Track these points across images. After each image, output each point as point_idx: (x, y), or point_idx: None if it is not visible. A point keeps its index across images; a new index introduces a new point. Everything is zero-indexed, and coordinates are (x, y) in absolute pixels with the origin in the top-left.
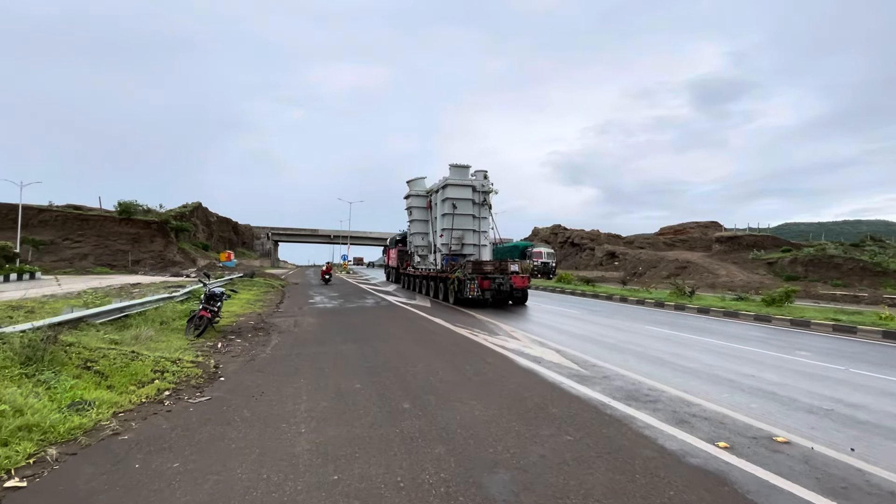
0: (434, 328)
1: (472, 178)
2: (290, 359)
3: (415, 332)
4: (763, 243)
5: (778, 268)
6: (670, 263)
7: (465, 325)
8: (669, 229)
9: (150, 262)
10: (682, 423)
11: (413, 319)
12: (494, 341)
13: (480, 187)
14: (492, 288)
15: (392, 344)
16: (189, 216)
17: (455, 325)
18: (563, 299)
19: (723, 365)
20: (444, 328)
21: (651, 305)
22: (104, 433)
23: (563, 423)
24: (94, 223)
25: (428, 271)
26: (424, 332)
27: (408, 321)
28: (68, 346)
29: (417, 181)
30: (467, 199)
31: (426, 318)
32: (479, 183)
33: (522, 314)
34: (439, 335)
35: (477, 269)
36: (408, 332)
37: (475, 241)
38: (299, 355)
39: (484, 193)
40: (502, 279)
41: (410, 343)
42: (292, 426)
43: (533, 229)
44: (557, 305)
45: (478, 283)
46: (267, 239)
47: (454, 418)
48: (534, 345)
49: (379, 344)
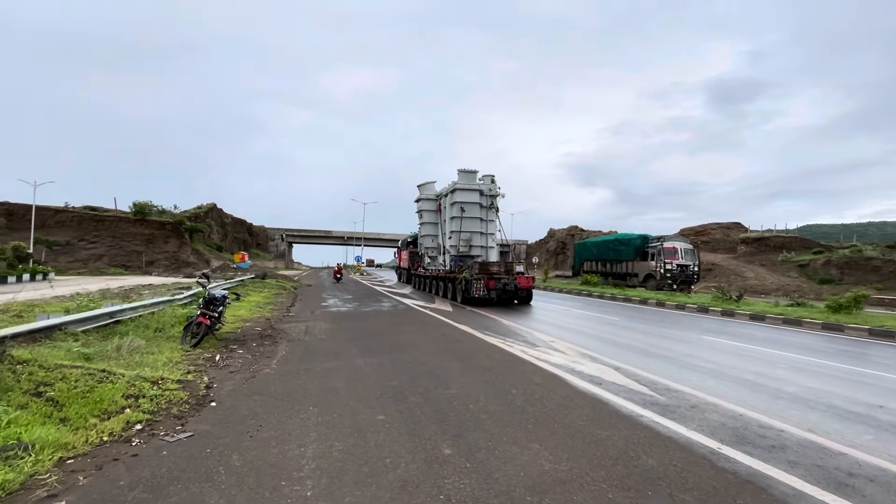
0: (460, 336)
1: (479, 183)
2: (297, 376)
3: (440, 342)
4: (791, 245)
5: (810, 270)
6: None
7: (494, 333)
8: (690, 230)
9: (165, 262)
10: (843, 488)
11: (436, 326)
12: (535, 354)
13: (488, 191)
14: (497, 287)
15: (416, 356)
16: (204, 217)
17: (484, 333)
18: (590, 302)
19: (837, 391)
20: (471, 336)
21: (694, 311)
22: (35, 496)
23: (675, 488)
24: (109, 224)
25: (438, 272)
26: (450, 341)
27: (430, 327)
28: (19, 365)
29: (427, 185)
30: (475, 202)
31: (449, 323)
32: (487, 187)
33: (554, 320)
34: (469, 345)
35: (483, 270)
36: (432, 342)
37: (482, 242)
38: (308, 371)
39: (491, 197)
40: (507, 279)
41: (437, 355)
42: (295, 485)
43: (549, 230)
44: (590, 309)
45: (484, 283)
46: (281, 240)
47: (516, 475)
48: (583, 359)
49: (401, 356)
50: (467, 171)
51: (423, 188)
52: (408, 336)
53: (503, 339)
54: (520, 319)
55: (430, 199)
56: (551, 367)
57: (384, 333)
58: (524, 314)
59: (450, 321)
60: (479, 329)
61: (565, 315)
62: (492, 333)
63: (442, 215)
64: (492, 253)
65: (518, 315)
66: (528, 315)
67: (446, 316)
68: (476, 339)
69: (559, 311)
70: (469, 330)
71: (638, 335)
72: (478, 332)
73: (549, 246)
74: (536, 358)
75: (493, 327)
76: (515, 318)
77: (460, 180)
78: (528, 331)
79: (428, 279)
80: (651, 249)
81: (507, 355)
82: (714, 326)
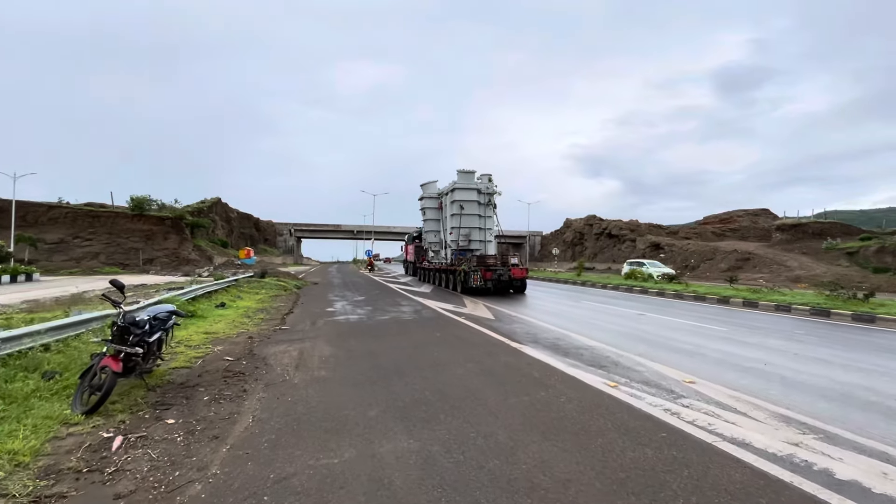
0: (541, 372)
1: (477, 182)
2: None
3: (505, 382)
4: (830, 231)
5: (860, 258)
6: (728, 255)
7: (582, 363)
8: (715, 218)
9: (164, 260)
10: None
11: (484, 346)
12: (703, 420)
13: (485, 189)
14: (493, 278)
15: (486, 427)
16: (207, 212)
17: (566, 363)
18: (651, 301)
19: None
20: (549, 368)
21: (805, 313)
22: None
23: None
24: (105, 220)
25: (441, 265)
26: (521, 379)
27: (480, 351)
28: None
29: (430, 185)
30: (473, 200)
31: (501, 341)
32: (484, 185)
33: (666, 342)
34: (557, 392)
35: (481, 262)
36: (494, 383)
37: (481, 237)
38: (283, 482)
39: (488, 195)
40: (502, 270)
41: (517, 421)
42: None
43: (565, 220)
44: (672, 314)
45: (481, 274)
46: (290, 235)
47: None
48: (783, 433)
49: (460, 429)
50: (466, 171)
51: (426, 187)
52: (454, 372)
53: (608, 376)
54: (619, 341)
55: (433, 197)
56: (758, 460)
57: (416, 367)
58: (624, 334)
59: (502, 338)
60: (554, 354)
61: (670, 329)
62: (578, 362)
63: (443, 212)
64: (490, 246)
65: (617, 336)
66: (627, 335)
67: (491, 328)
68: (567, 379)
69: (667, 326)
70: (540, 356)
71: (777, 357)
72: (558, 362)
73: (566, 236)
74: (717, 436)
75: (574, 353)
76: (606, 338)
77: (459, 180)
78: (651, 366)
79: (432, 272)
80: None
81: (648, 421)
82: (865, 340)
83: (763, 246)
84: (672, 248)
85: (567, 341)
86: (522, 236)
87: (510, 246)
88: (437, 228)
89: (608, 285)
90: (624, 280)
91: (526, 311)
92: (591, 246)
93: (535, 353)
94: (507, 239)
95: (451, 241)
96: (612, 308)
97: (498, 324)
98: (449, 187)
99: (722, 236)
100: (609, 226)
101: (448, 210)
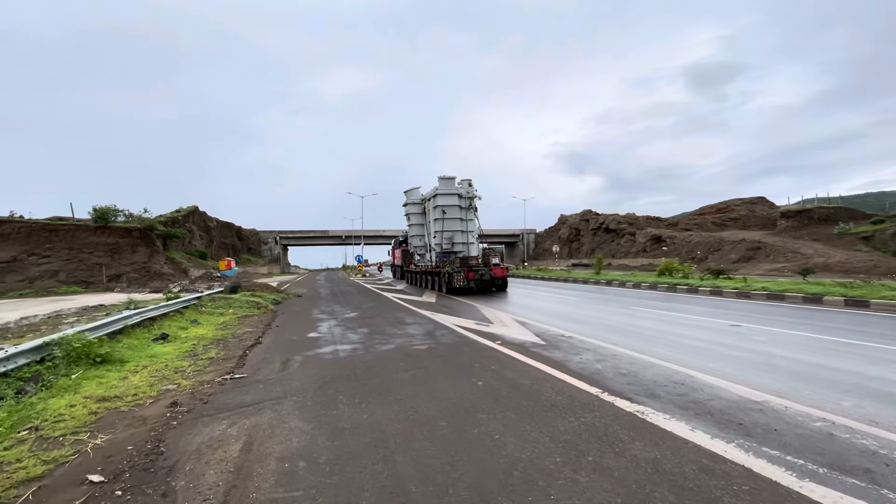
0: (723, 490)
1: (458, 187)
2: None
3: None
4: (836, 215)
5: (877, 242)
6: (737, 245)
7: (804, 459)
8: (711, 208)
9: (133, 275)
10: None
11: (572, 410)
12: None
13: (466, 194)
14: (476, 278)
15: None
16: (183, 221)
17: (773, 460)
18: (717, 303)
19: None
20: (760, 482)
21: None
22: None
23: None
24: (64, 234)
25: (426, 267)
26: None
27: (574, 427)
28: None
29: (413, 191)
30: (454, 205)
31: (597, 397)
32: (465, 190)
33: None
34: None
35: (464, 264)
36: None
37: (464, 239)
38: None
39: (469, 199)
40: (484, 270)
41: None
42: None
43: (560, 217)
44: (783, 324)
45: (464, 275)
46: (275, 243)
47: None
48: None
49: None
50: (446, 177)
51: (409, 193)
52: None
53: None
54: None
55: (416, 202)
56: None
57: (474, 487)
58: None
59: (601, 394)
60: (751, 446)
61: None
62: (820, 471)
63: (427, 217)
64: (472, 248)
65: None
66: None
67: (558, 365)
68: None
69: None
70: (727, 453)
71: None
72: (789, 479)
73: (562, 233)
74: None
75: (758, 427)
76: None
77: (441, 186)
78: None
79: (419, 274)
80: None
81: None
82: None
83: (769, 234)
84: (674, 240)
85: (704, 390)
86: (516, 234)
87: (503, 245)
88: (422, 233)
89: (642, 284)
90: (658, 277)
91: (576, 328)
92: (589, 242)
93: (683, 428)
94: (500, 238)
95: (435, 244)
96: (683, 317)
97: (557, 353)
98: (431, 193)
99: (723, 226)
100: (606, 220)
101: (431, 215)
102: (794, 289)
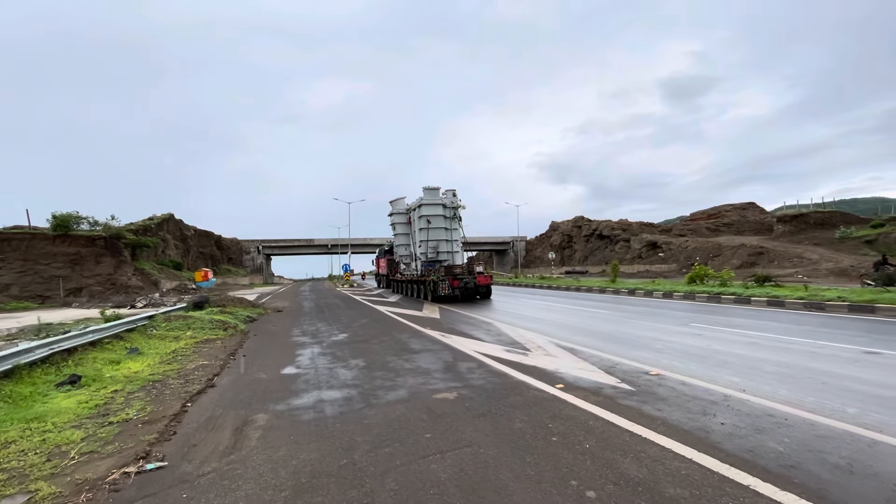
0: None
1: (442, 197)
2: None
3: None
4: (832, 220)
5: (881, 246)
6: (737, 251)
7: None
8: (702, 214)
9: (97, 288)
10: None
11: None
12: None
13: (450, 203)
14: (460, 286)
15: None
16: (157, 230)
17: None
18: (800, 319)
19: None
20: None
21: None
22: None
23: None
24: (18, 244)
25: (412, 276)
26: None
27: None
28: None
29: (398, 201)
30: (439, 214)
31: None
32: (449, 200)
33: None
34: None
35: (448, 272)
36: None
37: (448, 248)
38: None
39: (453, 209)
40: (468, 279)
41: None
42: None
43: (551, 223)
44: (827, 336)
45: (449, 283)
46: (258, 253)
47: None
48: None
49: None
50: (431, 188)
51: (395, 203)
52: None
53: None
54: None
55: (402, 212)
56: None
57: None
58: None
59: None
60: None
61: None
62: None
63: (412, 227)
64: (457, 257)
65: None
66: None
67: (674, 432)
68: None
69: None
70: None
71: None
72: None
73: (553, 240)
74: None
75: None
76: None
77: (425, 196)
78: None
79: (405, 283)
80: None
81: None
82: None
83: (767, 239)
84: (670, 245)
85: None
86: (507, 242)
87: (492, 253)
88: (407, 242)
89: (674, 294)
90: (689, 285)
91: (648, 357)
92: (581, 248)
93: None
94: (489, 246)
95: (420, 253)
96: (775, 338)
97: (670, 411)
98: (416, 203)
99: (717, 231)
100: (599, 226)
101: (416, 225)
102: (884, 298)
